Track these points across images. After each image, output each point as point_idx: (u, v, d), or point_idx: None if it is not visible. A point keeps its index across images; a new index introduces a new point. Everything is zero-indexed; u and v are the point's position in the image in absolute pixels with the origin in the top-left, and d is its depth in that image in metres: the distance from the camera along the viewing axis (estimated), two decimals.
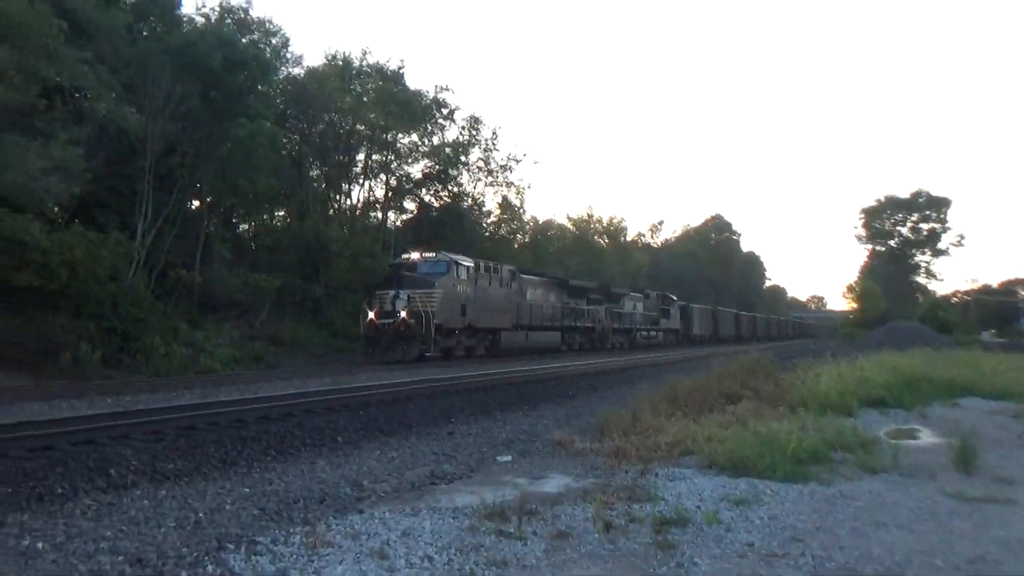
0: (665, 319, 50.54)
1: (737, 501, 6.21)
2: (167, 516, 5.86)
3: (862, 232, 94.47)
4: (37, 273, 17.91)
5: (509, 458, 8.54)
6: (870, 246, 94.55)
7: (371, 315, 24.12)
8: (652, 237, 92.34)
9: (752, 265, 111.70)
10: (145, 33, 27.71)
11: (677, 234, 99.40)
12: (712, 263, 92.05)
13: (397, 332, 23.54)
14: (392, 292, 24.42)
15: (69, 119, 21.46)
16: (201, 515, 5.88)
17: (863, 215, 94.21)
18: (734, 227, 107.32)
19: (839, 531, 5.46)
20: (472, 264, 27.28)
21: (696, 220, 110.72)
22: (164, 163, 24.55)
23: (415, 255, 26.95)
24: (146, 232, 23.72)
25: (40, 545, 5.09)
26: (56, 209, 20.94)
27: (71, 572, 4.55)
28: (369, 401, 12.09)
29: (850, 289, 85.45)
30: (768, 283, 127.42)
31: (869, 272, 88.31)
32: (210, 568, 4.60)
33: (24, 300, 18.24)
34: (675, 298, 53.86)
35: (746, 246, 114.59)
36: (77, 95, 23.47)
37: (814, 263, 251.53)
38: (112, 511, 6.00)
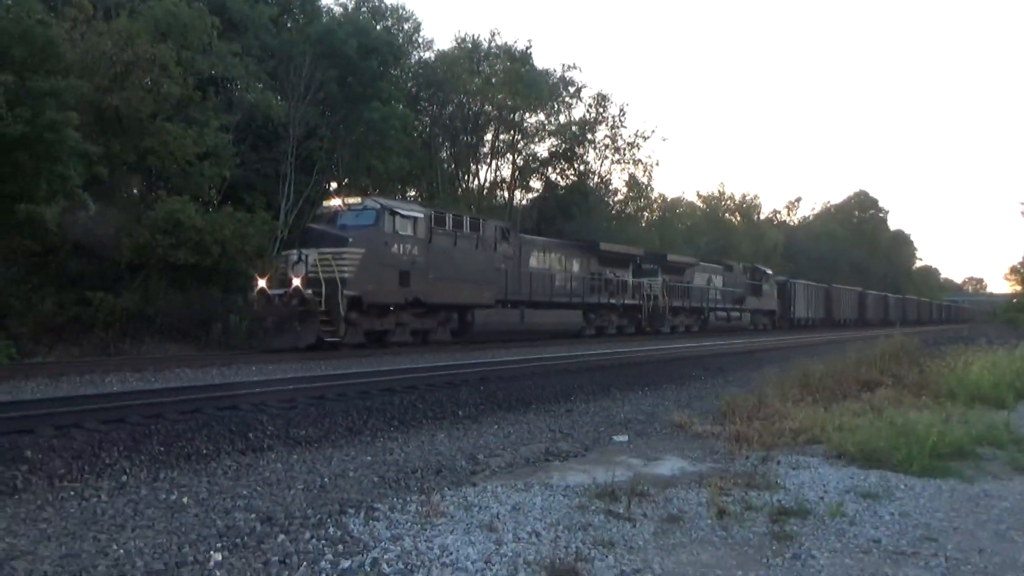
0: (754, 297, 41.46)
1: (865, 494, 5.87)
2: (296, 479, 6.25)
3: None
4: (193, 251, 19.47)
5: (625, 438, 8.47)
6: None
7: (261, 283, 17.20)
8: (789, 215, 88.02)
9: (900, 245, 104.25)
10: (288, 24, 29.30)
11: (816, 211, 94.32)
12: (855, 243, 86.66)
13: (287, 307, 16.81)
14: (295, 252, 17.82)
15: (220, 108, 23.11)
16: (326, 480, 6.24)
17: None
18: (880, 204, 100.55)
19: (980, 533, 5.03)
20: (422, 215, 19.74)
21: (838, 197, 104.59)
22: (304, 146, 25.94)
23: (335, 201, 19.94)
24: (288, 212, 25.23)
25: (185, 500, 5.58)
26: (212, 192, 22.64)
27: (209, 526, 4.95)
28: (488, 377, 12.34)
29: (1013, 271, 77.65)
30: (919, 264, 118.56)
31: None
32: (331, 530, 4.86)
33: (184, 276, 19.92)
34: (770, 272, 44.65)
35: (894, 224, 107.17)
36: (228, 85, 25.21)
37: (973, 243, 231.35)
38: (249, 472, 6.48)
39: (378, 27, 31.59)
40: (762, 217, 77.78)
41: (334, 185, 30.21)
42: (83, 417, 7.31)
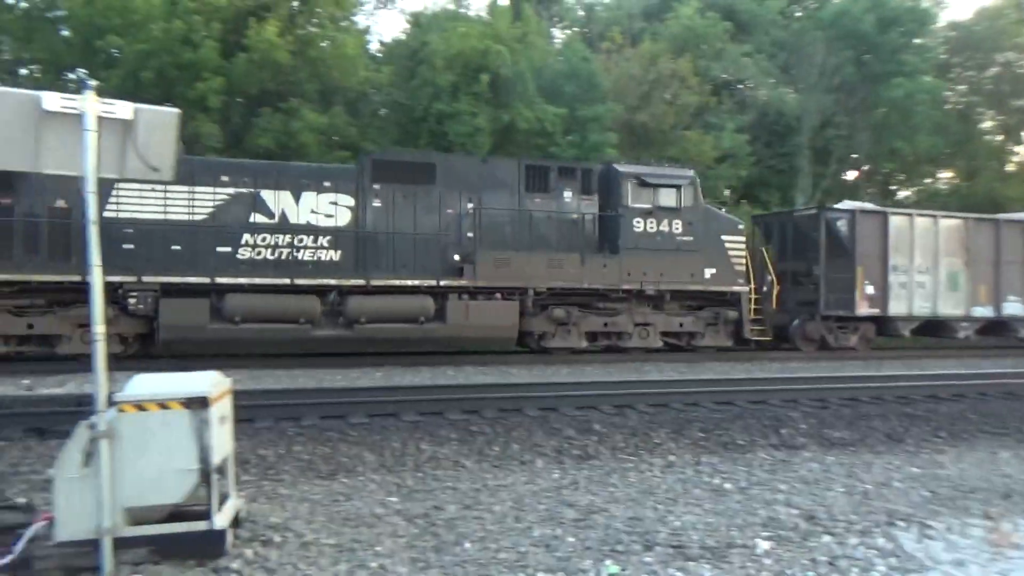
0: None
1: None
2: (834, 481, 6.08)
3: None
4: None
5: None
6: None
7: None
8: None
9: None
10: (798, 14, 28.66)
11: None
12: None
13: None
14: None
15: (734, 110, 23.84)
16: (868, 487, 5.92)
17: None
18: None
19: None
20: None
21: None
22: (819, 136, 25.09)
23: None
24: (806, 204, 24.73)
25: (727, 486, 5.92)
26: (727, 192, 23.53)
27: (752, 514, 5.16)
28: None
29: None
30: None
31: None
32: (880, 540, 4.62)
33: None
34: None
35: None
36: (740, 86, 25.89)
37: None
38: (784, 467, 6.54)
39: None
40: None
41: (852, 174, 28.52)
42: (635, 400, 8.35)
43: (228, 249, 12.51)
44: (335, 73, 18.63)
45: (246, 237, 12.63)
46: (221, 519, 4.17)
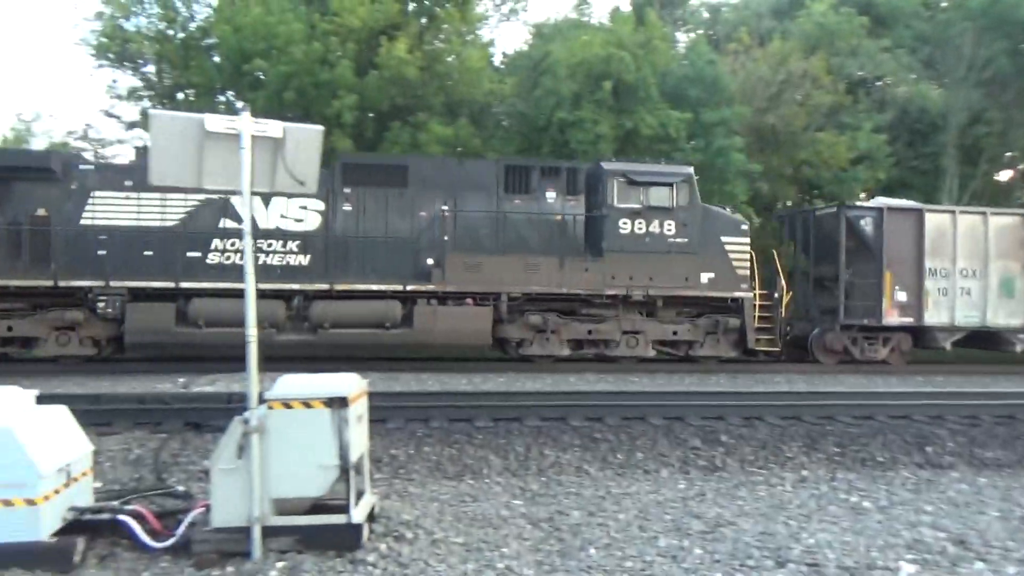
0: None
1: None
2: (987, 505, 5.66)
3: None
4: None
5: None
6: None
7: None
8: None
9: None
10: (943, 4, 26.75)
11: None
12: None
13: None
14: None
15: (871, 108, 22.55)
16: None
17: None
18: None
19: None
20: None
21: None
22: (967, 134, 23.27)
23: None
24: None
25: (866, 504, 5.62)
26: (863, 195, 22.26)
27: (895, 535, 4.88)
28: None
29: None
30: None
31: None
32: None
33: None
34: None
35: None
36: (877, 83, 24.45)
37: None
38: (930, 488, 6.14)
39: None
40: None
41: (1007, 175, 26.27)
42: (764, 411, 8.06)
43: (198, 254, 12.80)
44: (461, 86, 19.17)
45: (216, 242, 12.89)
46: (358, 514, 4.41)
